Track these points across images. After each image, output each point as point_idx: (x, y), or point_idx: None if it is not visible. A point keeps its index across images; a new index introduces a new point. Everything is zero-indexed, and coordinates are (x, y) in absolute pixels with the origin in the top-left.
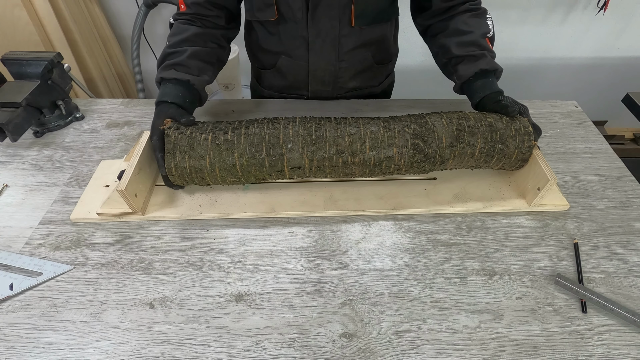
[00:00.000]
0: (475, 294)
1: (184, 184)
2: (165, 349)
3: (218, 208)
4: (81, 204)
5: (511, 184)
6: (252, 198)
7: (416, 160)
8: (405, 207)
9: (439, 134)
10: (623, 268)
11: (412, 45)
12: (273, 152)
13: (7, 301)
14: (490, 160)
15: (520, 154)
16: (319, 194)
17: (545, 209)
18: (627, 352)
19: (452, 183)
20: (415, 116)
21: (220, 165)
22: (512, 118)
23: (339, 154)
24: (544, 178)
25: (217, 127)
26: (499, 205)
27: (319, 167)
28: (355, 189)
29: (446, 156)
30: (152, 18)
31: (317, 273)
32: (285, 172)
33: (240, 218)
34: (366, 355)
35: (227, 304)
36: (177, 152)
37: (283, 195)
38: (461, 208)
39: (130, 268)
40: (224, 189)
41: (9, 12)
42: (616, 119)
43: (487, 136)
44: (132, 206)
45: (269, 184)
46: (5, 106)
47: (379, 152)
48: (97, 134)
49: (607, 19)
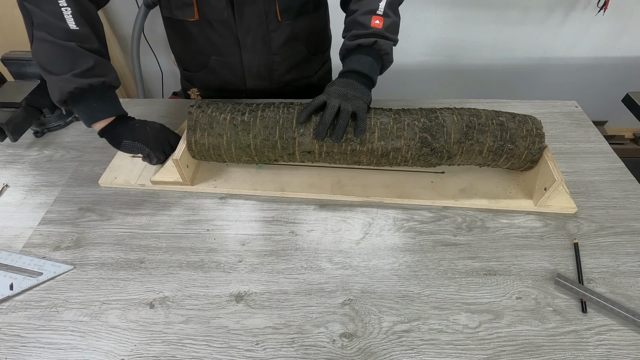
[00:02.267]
0: (475, 294)
1: (202, 159)
2: (165, 348)
3: (232, 183)
4: (109, 171)
5: (520, 183)
6: (264, 177)
7: (423, 154)
8: (410, 197)
9: (448, 129)
10: (623, 268)
11: (412, 44)
12: (286, 135)
13: (7, 301)
14: (498, 159)
15: (529, 155)
16: (327, 178)
17: (551, 210)
18: (627, 352)
19: (459, 178)
20: (427, 110)
21: (236, 144)
22: (524, 119)
23: (348, 141)
24: (550, 178)
25: (236, 108)
26: (504, 204)
27: (328, 153)
28: (362, 175)
29: (454, 152)
30: (152, 18)
31: (317, 273)
32: (296, 155)
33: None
34: (366, 355)
35: (227, 304)
36: (197, 129)
37: (293, 177)
38: (465, 203)
39: (131, 268)
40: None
41: (9, 12)
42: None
43: (497, 135)
44: (183, 175)
45: (280, 165)
46: (5, 106)
47: (387, 143)
48: (97, 133)
49: (607, 19)
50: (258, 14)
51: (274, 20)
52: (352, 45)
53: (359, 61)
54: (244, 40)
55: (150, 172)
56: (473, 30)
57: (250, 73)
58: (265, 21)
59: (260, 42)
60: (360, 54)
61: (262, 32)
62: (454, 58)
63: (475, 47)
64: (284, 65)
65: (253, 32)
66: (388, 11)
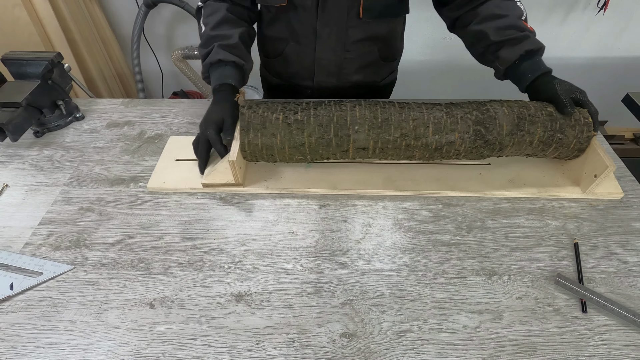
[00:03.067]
0: (475, 293)
1: (253, 160)
2: (165, 348)
3: (283, 183)
4: (156, 175)
5: (565, 171)
6: (315, 175)
7: (476, 146)
8: (461, 189)
9: (500, 121)
10: (623, 268)
11: (413, 44)
12: (340, 132)
13: (7, 301)
14: (547, 149)
15: (578, 144)
16: (376, 174)
17: (599, 196)
18: (627, 352)
19: (505, 169)
20: (476, 103)
21: (290, 143)
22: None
23: (403, 137)
24: (602, 165)
25: (287, 107)
26: (554, 192)
27: (382, 149)
28: (411, 170)
29: (505, 143)
30: (152, 18)
31: (317, 273)
32: (350, 152)
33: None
34: (366, 355)
35: (227, 303)
36: (250, 129)
37: (343, 174)
38: (516, 193)
39: (131, 268)
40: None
41: (9, 12)
42: (616, 119)
43: (547, 125)
44: (236, 177)
45: (329, 163)
46: (5, 106)
47: (441, 137)
48: (97, 134)
49: (607, 19)
50: (341, 7)
51: (355, 16)
52: (537, 46)
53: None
54: (321, 30)
55: (196, 174)
56: None
57: (320, 66)
58: (346, 16)
59: (335, 35)
60: (535, 58)
61: (340, 25)
62: (454, 58)
63: None
64: (354, 64)
65: (332, 24)
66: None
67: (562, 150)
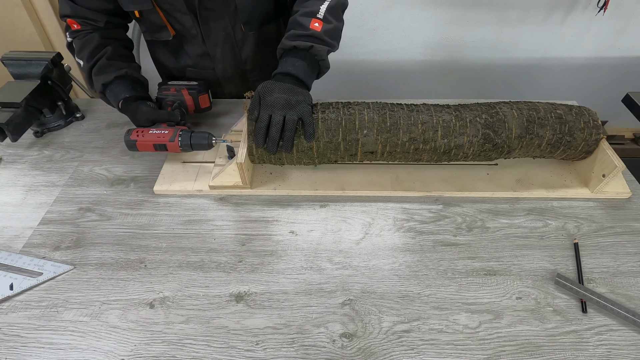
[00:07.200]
0: (475, 294)
1: (261, 162)
2: (165, 349)
3: (291, 185)
4: (162, 178)
5: (572, 171)
6: (323, 177)
7: (484, 150)
8: (469, 189)
9: (509, 124)
10: (623, 268)
11: (412, 44)
12: (349, 137)
13: (7, 301)
14: (555, 151)
15: (586, 146)
16: (385, 175)
17: (607, 196)
18: (627, 352)
19: (513, 169)
20: (486, 105)
21: (298, 147)
22: (580, 110)
23: (412, 141)
24: (610, 164)
25: None
26: (562, 192)
27: (391, 153)
28: (419, 171)
29: (514, 146)
30: None
31: (317, 273)
32: (358, 156)
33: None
34: (366, 355)
35: (227, 304)
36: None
37: (351, 175)
38: (525, 193)
39: (131, 268)
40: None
41: (9, 12)
42: (616, 119)
43: (556, 128)
44: (244, 179)
45: (337, 164)
46: (5, 106)
47: (450, 141)
48: (97, 134)
49: (607, 19)
50: (223, 27)
51: (240, 32)
52: (289, 45)
53: (294, 64)
54: (213, 52)
55: (203, 176)
56: (473, 30)
57: (225, 80)
58: (232, 33)
59: (229, 53)
60: (296, 57)
61: (230, 43)
62: (454, 58)
63: (475, 47)
64: (256, 72)
65: (221, 44)
66: (329, 16)
67: (569, 152)
